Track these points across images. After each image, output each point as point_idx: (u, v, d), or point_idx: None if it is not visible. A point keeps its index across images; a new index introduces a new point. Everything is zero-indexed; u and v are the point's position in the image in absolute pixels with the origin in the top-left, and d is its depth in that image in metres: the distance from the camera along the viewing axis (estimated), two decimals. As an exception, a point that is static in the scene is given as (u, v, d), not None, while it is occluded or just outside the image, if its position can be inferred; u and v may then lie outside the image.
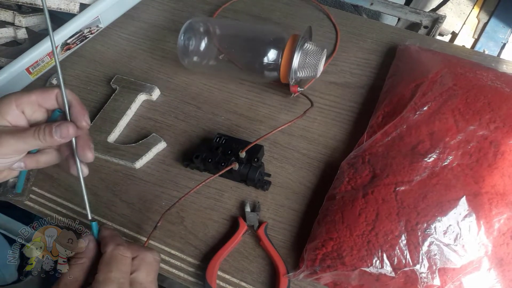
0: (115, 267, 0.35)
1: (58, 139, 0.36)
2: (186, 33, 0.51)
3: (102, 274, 0.35)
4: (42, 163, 0.39)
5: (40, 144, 0.36)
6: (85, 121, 0.37)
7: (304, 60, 0.47)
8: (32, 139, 0.35)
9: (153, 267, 0.37)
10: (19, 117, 0.36)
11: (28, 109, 0.36)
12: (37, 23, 0.60)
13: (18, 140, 0.35)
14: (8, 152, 0.35)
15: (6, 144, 0.35)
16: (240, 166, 0.44)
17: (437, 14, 0.65)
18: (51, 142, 0.36)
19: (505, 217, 0.36)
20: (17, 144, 0.35)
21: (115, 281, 0.34)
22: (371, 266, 0.36)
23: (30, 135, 0.35)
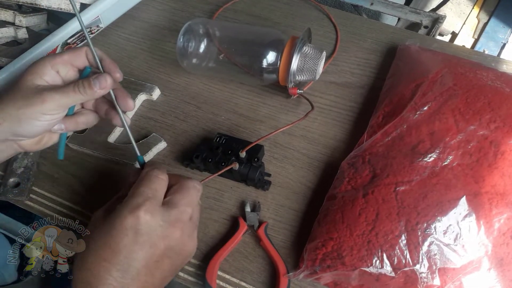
0: (145, 183, 0.36)
1: (98, 91, 0.38)
2: (185, 35, 0.51)
3: (133, 188, 0.36)
4: (81, 124, 0.41)
5: (81, 97, 0.38)
6: (118, 73, 0.40)
7: (303, 63, 0.47)
8: (73, 93, 0.37)
9: (190, 192, 0.37)
10: (55, 76, 0.38)
11: (62, 68, 0.39)
12: (37, 23, 0.60)
13: (62, 94, 0.37)
14: (52, 108, 0.37)
15: (51, 99, 0.36)
16: (240, 166, 0.44)
17: (437, 14, 0.65)
18: (91, 94, 0.38)
19: (505, 217, 0.36)
20: (61, 98, 0.37)
21: (142, 194, 0.35)
22: (371, 266, 0.36)
23: (71, 90, 0.37)
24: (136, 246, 0.34)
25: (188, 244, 0.37)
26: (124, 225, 0.34)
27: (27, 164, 0.49)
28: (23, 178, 0.48)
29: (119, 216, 0.34)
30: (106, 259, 0.33)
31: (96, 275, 0.33)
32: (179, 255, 0.37)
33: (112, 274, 0.33)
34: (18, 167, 0.49)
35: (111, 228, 0.34)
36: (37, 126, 0.37)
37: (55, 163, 0.51)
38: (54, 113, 0.38)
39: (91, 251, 0.34)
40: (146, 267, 0.35)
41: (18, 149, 0.41)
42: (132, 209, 0.34)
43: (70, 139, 0.50)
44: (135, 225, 0.34)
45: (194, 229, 0.37)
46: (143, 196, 0.35)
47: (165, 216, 0.35)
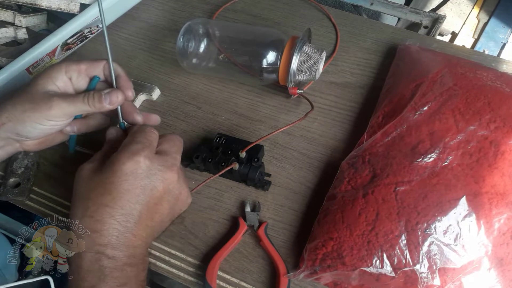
0: (140, 134, 0.38)
1: (107, 106, 0.39)
2: (185, 35, 0.51)
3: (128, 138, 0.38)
4: (91, 127, 0.43)
5: (88, 109, 0.39)
6: (131, 92, 0.41)
7: (302, 63, 0.47)
8: (82, 104, 0.38)
9: (176, 142, 0.40)
10: (67, 83, 0.39)
11: (75, 76, 0.39)
12: (37, 23, 0.60)
13: (69, 104, 0.38)
14: (58, 115, 0.38)
15: (57, 107, 0.37)
16: (240, 166, 0.44)
17: (437, 14, 0.65)
18: (100, 108, 0.39)
19: (505, 217, 0.36)
20: (68, 107, 0.38)
21: (139, 142, 0.37)
22: (371, 266, 0.36)
23: (80, 100, 0.38)
24: (137, 189, 0.35)
25: (183, 191, 0.39)
26: (124, 170, 0.35)
27: (27, 164, 0.49)
28: (23, 178, 0.48)
29: (118, 162, 0.35)
30: (108, 204, 0.34)
31: (100, 220, 0.34)
32: (176, 200, 0.38)
33: (116, 218, 0.34)
34: (18, 167, 0.49)
35: (110, 174, 0.35)
36: (40, 129, 0.38)
37: (55, 163, 0.51)
38: (59, 120, 0.38)
39: (91, 200, 0.35)
40: (147, 210, 0.36)
41: (19, 148, 0.41)
42: (132, 155, 0.35)
43: None
44: (135, 170, 0.35)
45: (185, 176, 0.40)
46: (141, 144, 0.36)
47: (162, 161, 0.37)
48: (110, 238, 0.34)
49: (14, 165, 0.49)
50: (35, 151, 0.43)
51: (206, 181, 0.45)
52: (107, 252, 0.33)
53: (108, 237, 0.34)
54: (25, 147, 0.41)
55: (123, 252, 0.34)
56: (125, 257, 0.34)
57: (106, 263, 0.33)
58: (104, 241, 0.34)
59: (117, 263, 0.34)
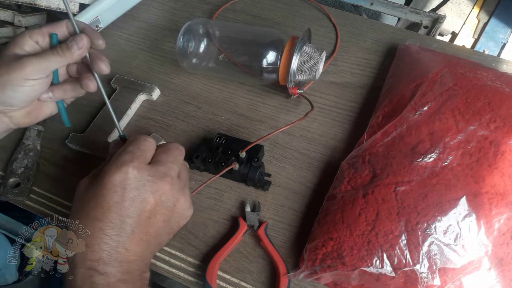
0: (133, 144, 0.37)
1: (76, 51, 0.38)
2: (185, 35, 0.51)
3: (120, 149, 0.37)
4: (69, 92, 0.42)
5: (60, 59, 0.38)
6: (100, 39, 0.40)
7: (302, 63, 0.47)
8: (52, 55, 0.38)
9: (174, 152, 0.39)
10: (35, 46, 0.39)
11: (41, 39, 0.39)
12: (36, 23, 0.60)
13: (40, 58, 0.37)
14: (32, 72, 0.37)
15: (30, 64, 0.37)
16: (240, 166, 0.44)
17: (437, 14, 0.65)
18: (70, 56, 0.38)
19: (505, 217, 0.36)
20: (40, 62, 0.37)
21: (129, 152, 0.36)
22: (371, 266, 0.36)
23: (49, 53, 0.38)
24: (126, 202, 0.34)
25: (180, 201, 0.37)
26: (113, 181, 0.34)
27: (27, 164, 0.49)
28: (23, 178, 0.48)
29: (107, 174, 0.34)
30: (98, 218, 0.34)
31: (92, 235, 0.33)
32: (172, 212, 0.37)
33: (107, 233, 0.33)
34: (18, 167, 0.49)
35: (100, 187, 0.34)
36: (21, 92, 0.38)
37: (55, 163, 0.51)
38: (36, 78, 0.38)
39: (83, 213, 0.34)
40: (139, 223, 0.35)
41: (9, 123, 0.40)
42: (120, 166, 0.34)
43: (70, 139, 0.50)
44: (123, 181, 0.34)
45: (184, 186, 0.38)
46: (131, 154, 0.36)
47: (152, 172, 0.36)
48: (101, 253, 0.33)
49: (14, 165, 0.49)
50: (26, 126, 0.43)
51: (206, 182, 0.45)
52: (99, 268, 0.32)
53: (99, 252, 0.33)
54: (14, 121, 0.40)
55: (116, 268, 0.33)
56: (119, 273, 0.33)
57: (98, 280, 0.32)
58: (95, 257, 0.33)
59: (109, 280, 0.32)
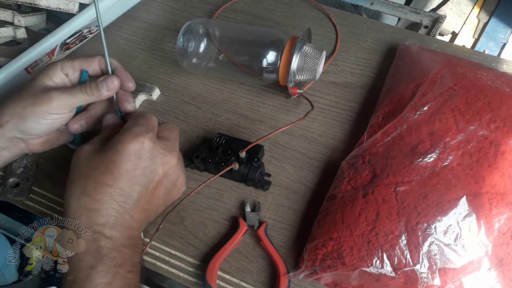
0: (143, 119, 0.38)
1: (105, 92, 0.39)
2: (185, 35, 0.51)
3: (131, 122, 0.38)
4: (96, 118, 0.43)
5: (87, 98, 0.39)
6: (131, 82, 0.42)
7: (303, 63, 0.47)
8: (80, 93, 0.39)
9: (173, 131, 0.41)
10: (64, 79, 0.40)
11: (71, 72, 0.40)
12: (36, 23, 0.60)
13: (68, 95, 0.38)
14: (58, 107, 0.38)
15: (57, 99, 0.38)
16: (240, 166, 0.44)
17: (437, 14, 0.65)
18: (98, 96, 0.39)
19: (505, 217, 0.36)
20: (67, 98, 0.38)
21: (143, 125, 0.37)
22: (371, 266, 0.36)
23: (78, 90, 0.39)
24: (138, 171, 0.35)
25: (180, 177, 0.39)
26: (128, 150, 0.35)
27: (26, 164, 0.49)
28: (22, 178, 0.48)
29: (122, 142, 0.35)
30: (108, 184, 0.34)
31: (99, 200, 0.34)
32: (173, 185, 0.39)
33: (115, 198, 0.34)
34: (17, 167, 0.49)
35: (114, 153, 0.35)
36: (43, 124, 0.38)
37: (55, 163, 0.51)
38: (60, 113, 0.38)
39: (90, 178, 0.35)
40: (146, 193, 0.36)
41: (24, 149, 0.41)
42: (137, 135, 0.35)
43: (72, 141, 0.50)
44: (139, 150, 0.35)
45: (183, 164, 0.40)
46: (145, 127, 0.37)
47: (163, 145, 0.37)
48: (108, 218, 0.34)
49: (13, 165, 0.49)
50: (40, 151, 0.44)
51: (206, 182, 0.45)
52: (105, 232, 0.33)
53: (106, 217, 0.34)
54: (30, 147, 0.41)
55: (121, 233, 0.34)
56: (123, 238, 0.34)
57: (104, 243, 0.33)
58: (102, 221, 0.33)
59: (114, 244, 0.33)
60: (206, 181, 0.45)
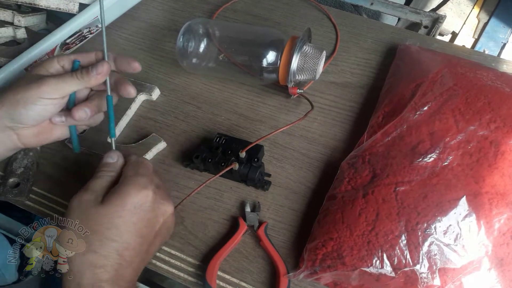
0: (143, 166, 0.38)
1: (95, 76, 0.39)
2: (185, 35, 0.51)
3: (131, 170, 0.38)
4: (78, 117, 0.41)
5: (78, 82, 0.39)
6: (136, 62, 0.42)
7: (303, 63, 0.47)
8: (70, 78, 0.39)
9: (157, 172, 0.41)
10: (59, 70, 0.40)
11: (67, 64, 0.40)
12: (36, 23, 0.60)
13: (58, 79, 0.38)
14: (48, 91, 0.38)
15: (47, 84, 0.38)
16: (240, 166, 0.44)
17: (437, 14, 0.65)
18: (88, 79, 0.39)
19: (505, 217, 0.36)
20: (58, 83, 0.38)
21: (145, 175, 0.37)
22: (371, 266, 0.36)
23: (68, 75, 0.39)
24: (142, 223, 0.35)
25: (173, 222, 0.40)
26: (134, 203, 0.35)
27: (26, 164, 0.49)
28: (22, 178, 0.48)
29: (127, 195, 0.35)
30: (114, 239, 0.34)
31: (105, 256, 0.34)
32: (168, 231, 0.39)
33: (121, 253, 0.34)
34: (18, 167, 0.49)
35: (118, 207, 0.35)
36: (32, 110, 0.38)
37: (55, 163, 0.51)
38: (50, 97, 0.38)
39: (96, 233, 0.34)
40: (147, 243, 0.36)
41: (17, 142, 0.40)
42: (142, 188, 0.35)
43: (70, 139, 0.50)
44: (144, 203, 0.35)
45: None
46: (146, 178, 0.37)
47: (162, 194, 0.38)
48: (112, 273, 0.33)
49: (13, 165, 0.49)
50: (34, 146, 0.43)
51: (206, 182, 0.45)
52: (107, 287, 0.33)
53: (110, 273, 0.33)
54: (22, 139, 0.40)
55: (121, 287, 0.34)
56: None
57: None
58: (106, 277, 0.33)
59: None
60: (206, 181, 0.45)
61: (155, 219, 0.36)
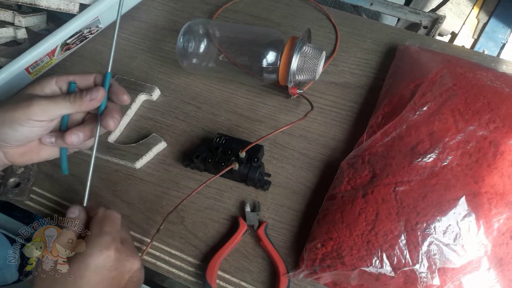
0: (108, 223, 0.37)
1: (88, 102, 0.38)
2: (185, 35, 0.51)
3: (96, 228, 0.37)
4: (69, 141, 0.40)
5: (69, 106, 0.37)
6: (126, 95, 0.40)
7: (302, 63, 0.47)
8: (63, 101, 0.37)
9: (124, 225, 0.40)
10: (56, 91, 0.39)
11: (65, 86, 0.39)
12: (36, 23, 0.60)
13: (49, 101, 0.37)
14: (37, 113, 0.36)
15: (37, 105, 0.36)
16: (240, 166, 0.44)
17: (437, 14, 0.65)
18: (80, 104, 0.38)
19: (504, 217, 0.36)
20: (48, 104, 0.36)
21: (109, 234, 0.36)
22: (370, 266, 0.36)
23: (61, 98, 0.37)
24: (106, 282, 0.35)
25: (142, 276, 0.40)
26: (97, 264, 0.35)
27: (27, 164, 0.49)
28: (23, 178, 0.48)
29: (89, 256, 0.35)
30: None
31: None
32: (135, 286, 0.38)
33: None
34: (18, 167, 0.49)
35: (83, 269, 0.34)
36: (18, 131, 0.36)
37: (55, 163, 0.51)
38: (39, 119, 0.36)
39: None
40: None
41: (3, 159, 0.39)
42: (104, 249, 0.35)
43: None
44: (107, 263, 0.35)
45: None
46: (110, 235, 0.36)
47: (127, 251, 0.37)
48: None
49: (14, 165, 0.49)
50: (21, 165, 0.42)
51: (206, 182, 0.45)
52: None
53: None
54: (8, 157, 0.39)
55: None
56: None
57: None
58: None
59: None
60: (206, 181, 0.45)
61: (120, 275, 0.36)
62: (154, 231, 0.44)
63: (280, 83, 0.50)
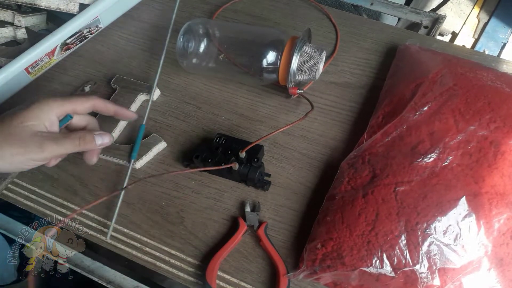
0: None
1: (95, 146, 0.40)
2: (185, 35, 0.51)
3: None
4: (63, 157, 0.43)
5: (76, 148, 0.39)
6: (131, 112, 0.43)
7: (303, 63, 0.47)
8: (72, 146, 0.39)
9: None
10: (54, 122, 0.40)
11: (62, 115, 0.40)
12: (36, 23, 0.60)
13: (60, 146, 0.38)
14: (49, 157, 0.38)
15: (49, 150, 0.38)
16: (240, 166, 0.44)
17: (437, 14, 0.65)
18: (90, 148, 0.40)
19: (505, 217, 0.36)
20: (58, 149, 0.38)
21: None
22: (371, 266, 0.36)
23: (70, 142, 0.39)
24: None
25: None
26: None
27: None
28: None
29: None
30: None
31: None
32: None
33: None
34: None
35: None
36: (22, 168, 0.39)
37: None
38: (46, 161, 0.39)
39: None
40: None
41: None
42: None
43: None
44: None
45: None
46: None
47: None
48: None
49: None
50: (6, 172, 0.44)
51: (200, 169, 0.45)
52: None
53: None
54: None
55: None
56: None
57: None
58: None
59: None
60: (200, 169, 0.44)
61: None
62: (154, 231, 0.44)
63: (280, 83, 0.49)
